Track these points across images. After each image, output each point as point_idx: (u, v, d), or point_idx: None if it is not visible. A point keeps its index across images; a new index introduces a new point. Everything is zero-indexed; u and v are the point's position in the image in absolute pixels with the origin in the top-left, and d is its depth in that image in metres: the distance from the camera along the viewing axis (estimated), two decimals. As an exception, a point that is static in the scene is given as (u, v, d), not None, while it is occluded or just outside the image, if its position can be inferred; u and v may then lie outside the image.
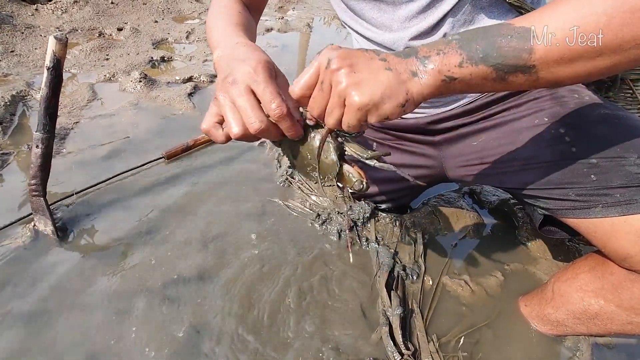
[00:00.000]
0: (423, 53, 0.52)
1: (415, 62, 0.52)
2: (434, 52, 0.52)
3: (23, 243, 1.04)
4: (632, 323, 0.74)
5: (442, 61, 0.51)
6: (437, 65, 0.51)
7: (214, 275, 1.02)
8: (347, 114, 0.53)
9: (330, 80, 0.52)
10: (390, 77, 0.51)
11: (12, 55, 1.98)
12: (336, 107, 0.53)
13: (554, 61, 0.48)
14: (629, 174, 0.66)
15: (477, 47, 0.50)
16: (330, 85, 0.53)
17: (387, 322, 0.91)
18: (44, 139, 1.03)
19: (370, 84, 0.51)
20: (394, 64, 0.52)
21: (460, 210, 1.28)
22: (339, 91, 0.52)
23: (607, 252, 0.71)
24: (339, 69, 0.51)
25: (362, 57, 0.52)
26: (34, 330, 0.87)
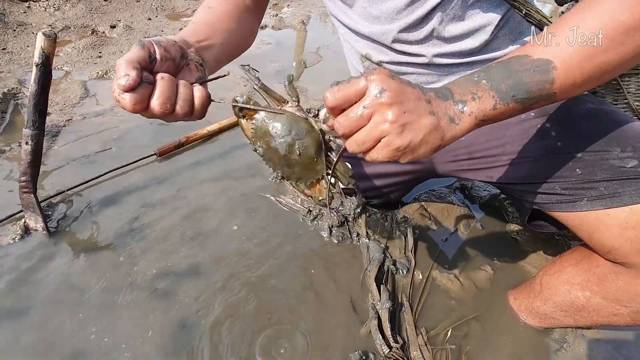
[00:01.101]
0: (459, 97, 0.53)
1: (452, 107, 0.52)
2: (468, 96, 0.53)
3: (14, 240, 1.04)
4: (617, 314, 0.75)
5: (479, 107, 0.52)
6: (474, 112, 0.53)
7: (204, 271, 1.02)
8: (381, 150, 0.52)
9: (376, 112, 0.50)
10: (433, 122, 0.51)
11: (3, 52, 1.97)
12: (371, 140, 0.51)
13: (571, 85, 0.52)
14: (613, 168, 0.66)
15: (507, 87, 0.52)
16: (372, 115, 0.51)
17: (376, 316, 0.91)
18: (34, 136, 1.02)
19: (413, 127, 0.50)
20: (436, 106, 0.52)
21: (451, 205, 1.28)
22: (382, 129, 0.50)
23: (593, 245, 0.72)
24: (390, 105, 0.49)
25: (412, 96, 0.51)
26: (23, 326, 0.87)
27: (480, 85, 0.53)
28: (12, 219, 1.10)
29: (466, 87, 0.53)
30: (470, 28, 0.77)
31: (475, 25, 0.77)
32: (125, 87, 0.53)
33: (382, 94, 0.49)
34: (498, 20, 0.76)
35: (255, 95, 0.72)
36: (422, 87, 0.53)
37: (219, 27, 0.78)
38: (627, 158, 0.66)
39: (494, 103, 0.52)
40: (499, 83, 0.52)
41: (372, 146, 0.52)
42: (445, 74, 0.84)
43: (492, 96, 0.52)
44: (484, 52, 0.80)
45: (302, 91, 1.96)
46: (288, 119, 0.62)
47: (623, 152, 0.67)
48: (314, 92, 1.96)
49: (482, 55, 0.80)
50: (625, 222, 0.64)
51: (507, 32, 0.79)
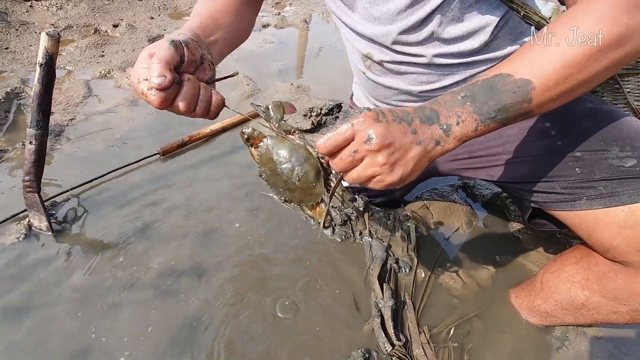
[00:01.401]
0: (444, 119, 0.57)
1: (438, 130, 0.57)
2: (453, 119, 0.57)
3: (18, 239, 1.05)
4: (616, 312, 0.75)
5: (462, 131, 0.57)
6: (458, 135, 0.57)
7: (208, 270, 1.03)
8: (375, 184, 0.57)
9: (366, 156, 0.55)
10: (420, 152, 0.56)
11: (6, 52, 1.98)
12: (364, 177, 0.57)
13: (546, 103, 0.56)
14: (612, 167, 0.67)
15: (488, 109, 0.56)
16: (363, 157, 0.56)
17: (379, 314, 0.92)
18: (38, 135, 1.03)
19: (403, 162, 0.56)
20: (422, 134, 0.56)
21: (453, 204, 1.29)
22: (373, 170, 0.56)
23: (592, 244, 0.72)
24: (378, 150, 0.54)
25: (398, 133, 0.55)
26: (28, 325, 0.88)
27: (465, 107, 0.57)
28: (16, 218, 1.11)
29: (452, 107, 0.57)
30: (469, 29, 0.77)
31: (475, 27, 0.77)
32: (160, 87, 0.56)
33: (370, 141, 0.54)
34: (497, 21, 0.77)
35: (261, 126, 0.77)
36: (407, 116, 0.56)
37: (222, 21, 0.79)
38: (626, 157, 0.66)
39: (476, 125, 0.57)
40: (481, 105, 0.56)
41: (367, 181, 0.58)
42: (445, 73, 0.84)
43: (474, 119, 0.56)
44: (484, 52, 0.81)
45: (305, 90, 1.97)
46: (289, 147, 0.68)
47: (622, 151, 0.67)
48: (315, 92, 1.96)
49: (482, 55, 0.81)
50: (623, 221, 0.64)
51: (507, 32, 0.79)
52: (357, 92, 1.10)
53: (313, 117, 1.82)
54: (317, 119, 1.77)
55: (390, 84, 0.90)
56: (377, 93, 0.97)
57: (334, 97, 1.83)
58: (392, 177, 0.56)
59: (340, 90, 1.95)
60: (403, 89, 0.89)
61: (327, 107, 0.86)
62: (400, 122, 0.56)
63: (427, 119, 0.57)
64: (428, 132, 0.56)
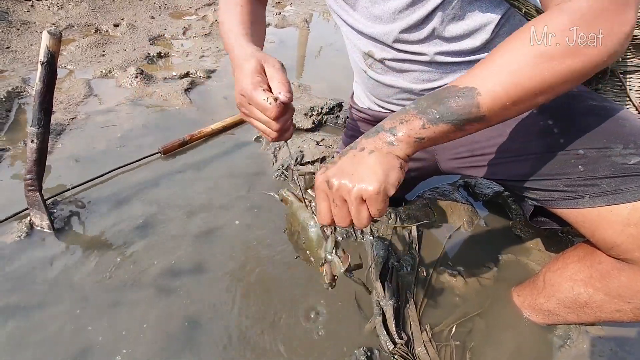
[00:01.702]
0: (388, 125, 0.60)
1: (385, 135, 0.59)
2: (397, 122, 0.59)
3: (19, 238, 1.05)
4: (620, 311, 0.75)
5: (408, 127, 0.58)
6: (405, 132, 0.58)
7: (208, 269, 1.03)
8: (372, 205, 0.58)
9: (340, 195, 0.59)
10: (377, 156, 0.58)
11: (7, 51, 1.98)
12: (360, 209, 0.58)
13: (499, 109, 0.57)
14: (615, 164, 0.66)
15: (433, 111, 0.57)
16: (342, 198, 0.59)
17: (380, 312, 0.92)
18: (39, 134, 1.03)
19: (368, 172, 0.57)
20: (371, 144, 0.59)
21: (454, 203, 1.29)
22: (353, 197, 0.58)
23: (595, 242, 0.72)
24: (340, 184, 0.58)
25: (347, 160, 0.60)
26: (29, 324, 0.88)
27: (408, 112, 0.59)
28: (18, 216, 1.11)
29: (396, 117, 0.60)
30: (470, 28, 0.77)
31: (476, 25, 0.77)
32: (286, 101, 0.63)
33: (329, 183, 0.59)
34: (498, 19, 0.76)
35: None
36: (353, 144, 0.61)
37: (259, 31, 0.85)
38: (629, 155, 0.66)
39: (422, 123, 0.58)
40: (425, 108, 0.58)
41: (366, 208, 0.58)
42: (447, 71, 0.84)
43: (419, 118, 0.58)
44: (486, 50, 0.80)
45: (306, 89, 1.97)
46: (304, 213, 0.75)
47: (625, 148, 0.67)
48: (316, 91, 1.96)
49: (484, 54, 0.81)
50: (627, 219, 0.64)
51: (509, 30, 0.79)
52: (358, 91, 1.10)
53: (314, 116, 1.84)
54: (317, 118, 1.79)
55: (391, 83, 0.90)
56: (378, 92, 0.97)
57: (334, 97, 1.83)
58: (370, 187, 0.56)
59: (341, 90, 1.95)
60: (404, 87, 0.89)
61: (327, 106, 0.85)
62: (344, 153, 0.61)
63: (372, 133, 0.60)
64: (376, 140, 0.59)
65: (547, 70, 0.54)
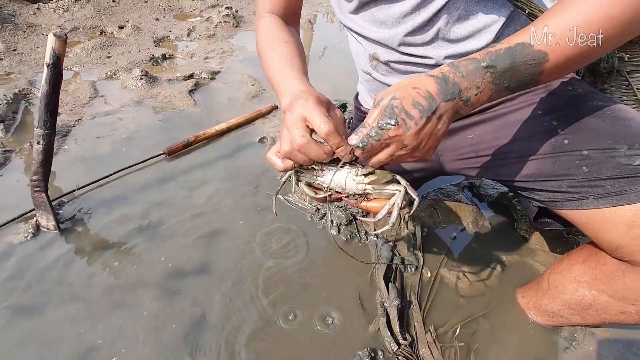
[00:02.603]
0: (465, 92, 0.61)
1: (459, 103, 0.61)
2: (473, 91, 0.61)
3: (25, 238, 1.06)
4: (625, 312, 0.75)
5: (478, 99, 0.61)
6: (473, 103, 0.62)
7: (213, 270, 1.03)
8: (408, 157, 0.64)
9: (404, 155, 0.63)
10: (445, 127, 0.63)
11: (14, 53, 2.00)
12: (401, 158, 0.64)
13: (553, 74, 0.60)
14: (619, 165, 0.66)
15: (505, 80, 0.60)
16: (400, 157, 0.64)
17: (384, 313, 0.92)
18: (45, 135, 1.04)
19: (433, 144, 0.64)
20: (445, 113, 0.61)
21: (459, 204, 1.28)
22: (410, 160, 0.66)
23: (599, 243, 0.72)
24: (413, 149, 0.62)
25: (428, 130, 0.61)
26: (35, 323, 0.89)
27: (485, 78, 0.60)
28: (24, 217, 1.12)
29: (473, 78, 0.60)
30: (475, 28, 0.77)
31: (480, 26, 0.77)
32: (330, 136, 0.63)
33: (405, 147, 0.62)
34: (503, 20, 0.76)
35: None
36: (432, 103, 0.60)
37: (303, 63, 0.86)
38: (634, 156, 0.65)
39: (490, 95, 0.62)
40: (500, 76, 0.60)
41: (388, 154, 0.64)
42: None
43: (490, 89, 0.61)
44: None
45: (309, 90, 1.97)
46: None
47: (630, 149, 0.66)
48: (320, 91, 1.96)
49: None
50: (631, 220, 0.64)
51: (513, 31, 0.79)
52: (363, 92, 1.10)
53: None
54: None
55: None
56: (382, 93, 0.97)
57: (338, 97, 1.83)
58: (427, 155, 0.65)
59: (345, 90, 1.95)
60: None
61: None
62: (429, 116, 0.60)
63: (450, 95, 0.60)
64: (451, 108, 0.61)
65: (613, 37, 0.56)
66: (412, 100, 0.59)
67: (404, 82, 0.62)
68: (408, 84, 0.61)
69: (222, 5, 3.00)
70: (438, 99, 0.60)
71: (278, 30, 0.88)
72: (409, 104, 0.59)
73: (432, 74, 0.62)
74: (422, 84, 0.60)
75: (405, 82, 0.62)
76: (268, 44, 0.86)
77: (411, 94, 0.60)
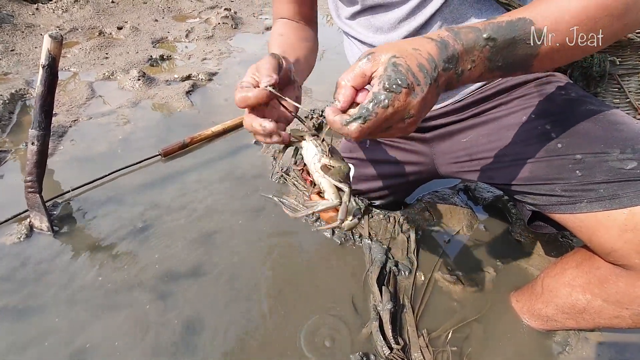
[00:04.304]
0: (461, 64, 0.55)
1: (453, 75, 0.55)
2: (468, 64, 0.55)
3: (19, 240, 1.06)
4: (619, 317, 0.74)
5: (469, 75, 0.56)
6: (464, 79, 0.57)
7: (208, 271, 1.03)
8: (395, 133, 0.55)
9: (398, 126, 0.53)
10: (437, 97, 0.55)
11: (12, 54, 2.00)
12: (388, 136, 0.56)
13: (547, 61, 0.59)
14: (612, 170, 0.66)
15: (500, 57, 0.56)
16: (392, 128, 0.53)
17: (377, 317, 0.92)
18: (40, 136, 1.04)
19: (423, 115, 0.54)
20: (442, 83, 0.54)
21: (454, 207, 1.28)
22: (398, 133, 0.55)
23: (593, 247, 0.71)
24: (413, 122, 0.53)
25: (430, 98, 0.53)
26: (27, 326, 0.88)
27: (483, 52, 0.55)
28: (17, 218, 1.12)
29: (472, 49, 0.54)
30: None
31: None
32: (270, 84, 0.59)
33: (407, 119, 0.52)
34: None
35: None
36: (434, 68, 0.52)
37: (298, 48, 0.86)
38: (626, 160, 0.65)
39: (482, 71, 0.57)
40: (497, 52, 0.55)
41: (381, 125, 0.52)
42: None
43: (484, 65, 0.56)
44: None
45: (307, 92, 1.97)
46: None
47: (623, 153, 0.66)
48: (317, 94, 1.97)
49: None
50: (624, 224, 0.64)
51: None
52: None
53: (315, 118, 1.83)
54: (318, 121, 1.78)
55: None
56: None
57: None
58: (412, 128, 0.55)
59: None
60: None
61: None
62: (433, 81, 0.52)
63: (448, 63, 0.53)
64: (446, 78, 0.54)
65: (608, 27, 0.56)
66: (416, 61, 0.51)
67: (400, 42, 0.54)
68: (406, 42, 0.54)
69: (220, 6, 3.00)
70: (439, 64, 0.52)
71: (280, 27, 0.91)
72: (415, 65, 0.50)
73: (431, 37, 0.54)
74: (423, 46, 0.53)
75: (401, 42, 0.54)
76: (275, 37, 0.88)
77: (414, 54, 0.51)
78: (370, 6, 0.83)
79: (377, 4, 0.82)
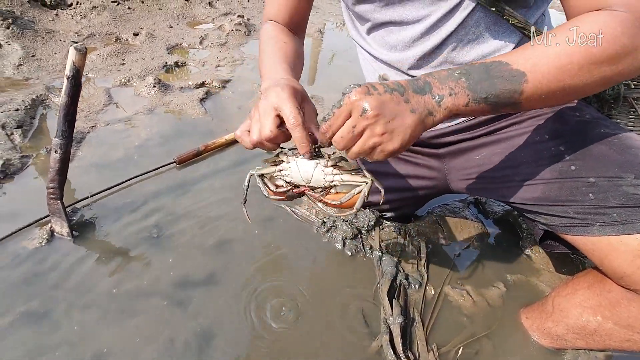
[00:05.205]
0: (437, 90, 0.60)
1: (431, 100, 0.60)
2: (447, 90, 0.60)
3: (40, 244, 1.09)
4: (630, 340, 0.75)
5: (453, 102, 0.60)
6: (449, 106, 0.60)
7: (221, 279, 1.05)
8: (378, 155, 0.61)
9: (365, 128, 0.58)
10: (415, 120, 0.59)
11: (33, 59, 2.05)
12: (367, 150, 0.60)
13: (535, 99, 0.60)
14: (626, 194, 0.67)
15: (481, 89, 0.59)
16: (363, 131, 0.59)
17: (387, 331, 0.93)
18: (62, 145, 1.07)
19: (400, 131, 0.58)
20: (415, 103, 0.59)
21: (464, 220, 1.29)
22: (374, 141, 0.59)
23: (605, 270, 0.72)
24: (375, 121, 0.57)
25: (391, 103, 0.58)
26: (48, 329, 0.91)
27: (459, 83, 0.60)
28: (39, 223, 1.15)
29: (446, 81, 0.60)
30: (484, 53, 0.79)
31: (489, 51, 0.78)
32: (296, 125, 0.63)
33: (365, 112, 0.57)
34: (512, 46, 0.77)
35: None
36: (399, 87, 0.60)
37: (298, 65, 0.91)
38: None
39: (467, 101, 0.60)
40: (475, 84, 0.59)
41: (369, 153, 0.61)
42: None
43: (467, 94, 0.59)
44: None
45: (318, 101, 1.99)
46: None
47: (637, 178, 0.67)
48: (328, 101, 1.99)
49: None
50: (637, 250, 0.64)
51: None
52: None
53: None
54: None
55: None
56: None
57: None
58: (392, 144, 0.59)
59: (354, 102, 1.96)
60: None
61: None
62: (392, 92, 0.59)
63: (420, 90, 0.60)
64: (421, 102, 0.59)
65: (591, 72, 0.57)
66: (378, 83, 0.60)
67: None
68: None
69: (234, 13, 3.04)
70: (406, 86, 0.60)
71: (279, 33, 0.92)
72: (375, 83, 0.60)
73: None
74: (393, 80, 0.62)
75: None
76: (266, 42, 0.89)
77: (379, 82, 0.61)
78: (383, 22, 0.84)
79: (389, 21, 0.82)
